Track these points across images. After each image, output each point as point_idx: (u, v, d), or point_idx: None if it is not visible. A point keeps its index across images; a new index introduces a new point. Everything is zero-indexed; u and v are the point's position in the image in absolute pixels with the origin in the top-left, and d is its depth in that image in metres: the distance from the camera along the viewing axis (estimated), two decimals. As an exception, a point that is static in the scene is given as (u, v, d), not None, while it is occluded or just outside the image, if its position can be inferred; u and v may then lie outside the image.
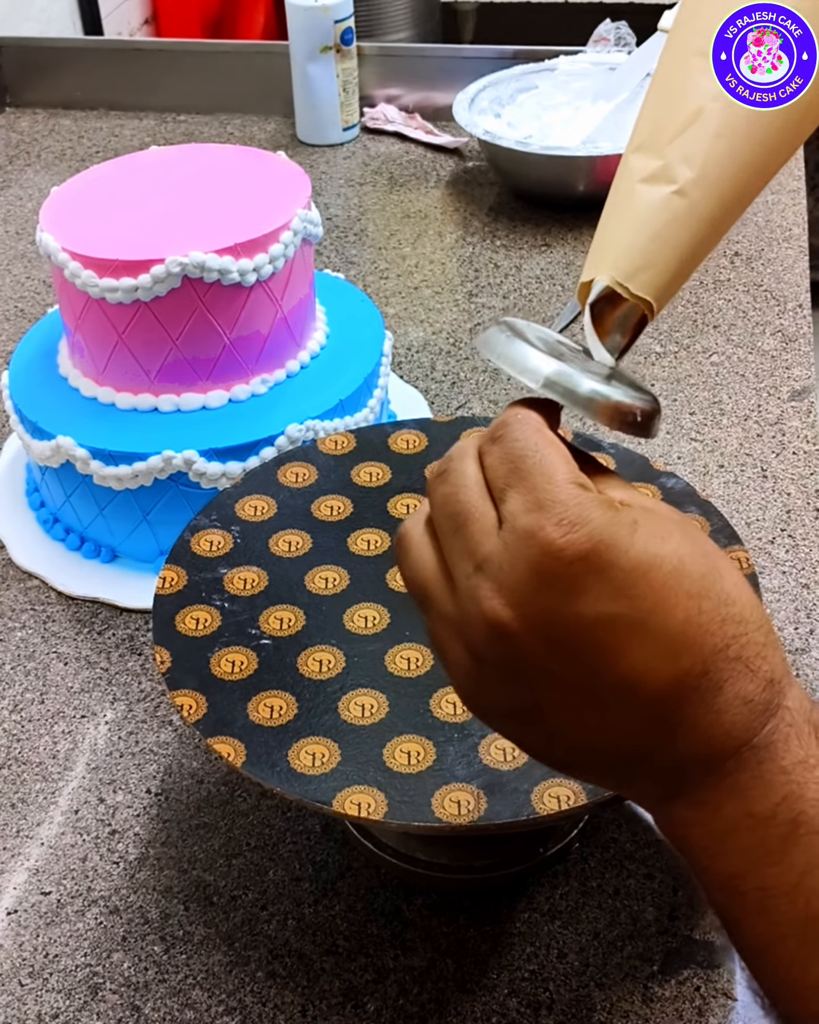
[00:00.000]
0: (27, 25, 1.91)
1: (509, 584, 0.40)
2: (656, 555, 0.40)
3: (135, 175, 0.97)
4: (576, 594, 0.39)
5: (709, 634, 0.40)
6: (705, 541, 0.42)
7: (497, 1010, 0.66)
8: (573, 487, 0.40)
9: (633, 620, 0.39)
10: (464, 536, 0.41)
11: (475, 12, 2.80)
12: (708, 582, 0.40)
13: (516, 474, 0.41)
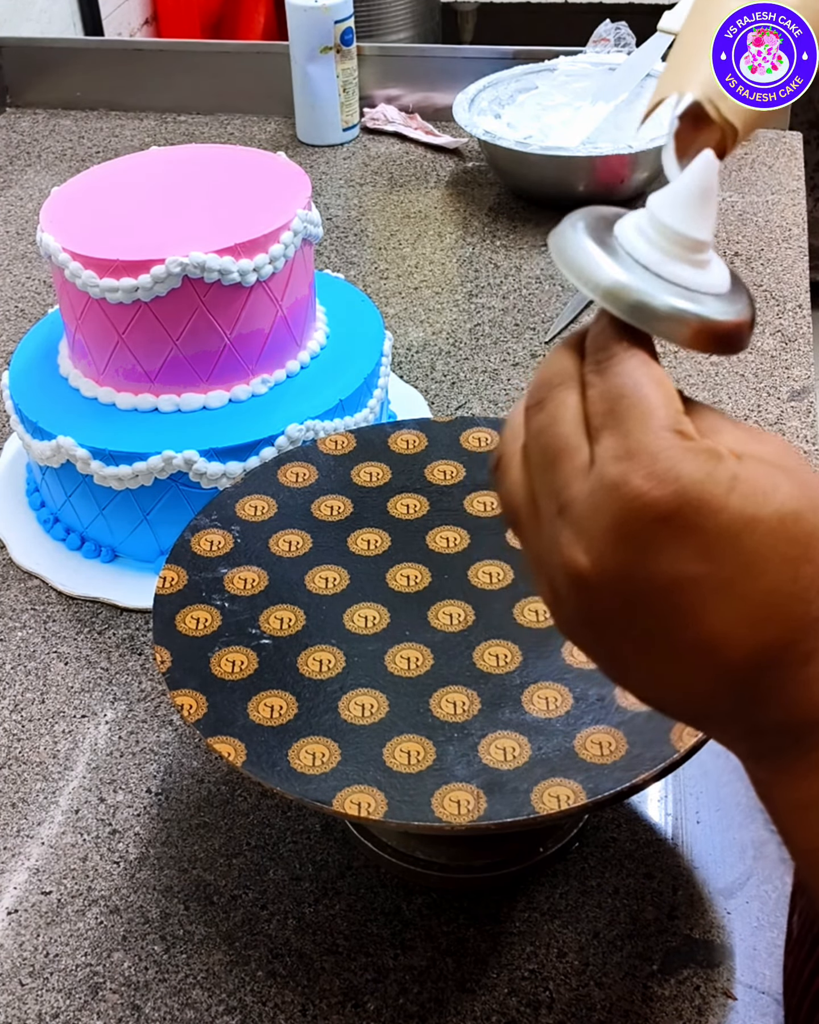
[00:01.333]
0: (28, 25, 1.91)
1: (589, 533, 0.37)
2: (752, 517, 0.36)
3: (135, 175, 0.97)
4: (657, 552, 0.37)
5: (803, 602, 0.37)
6: (817, 484, 0.38)
7: (497, 1009, 0.66)
8: (670, 435, 0.37)
9: (715, 584, 0.37)
10: (553, 474, 0.39)
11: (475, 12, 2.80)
12: (814, 541, 0.37)
13: (613, 415, 0.38)
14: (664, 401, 0.38)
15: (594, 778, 0.60)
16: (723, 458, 0.37)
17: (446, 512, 0.77)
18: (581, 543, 0.38)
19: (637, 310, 0.40)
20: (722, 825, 0.74)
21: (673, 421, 0.37)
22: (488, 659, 0.67)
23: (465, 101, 1.43)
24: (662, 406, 0.38)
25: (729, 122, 0.45)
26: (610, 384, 0.39)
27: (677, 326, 0.40)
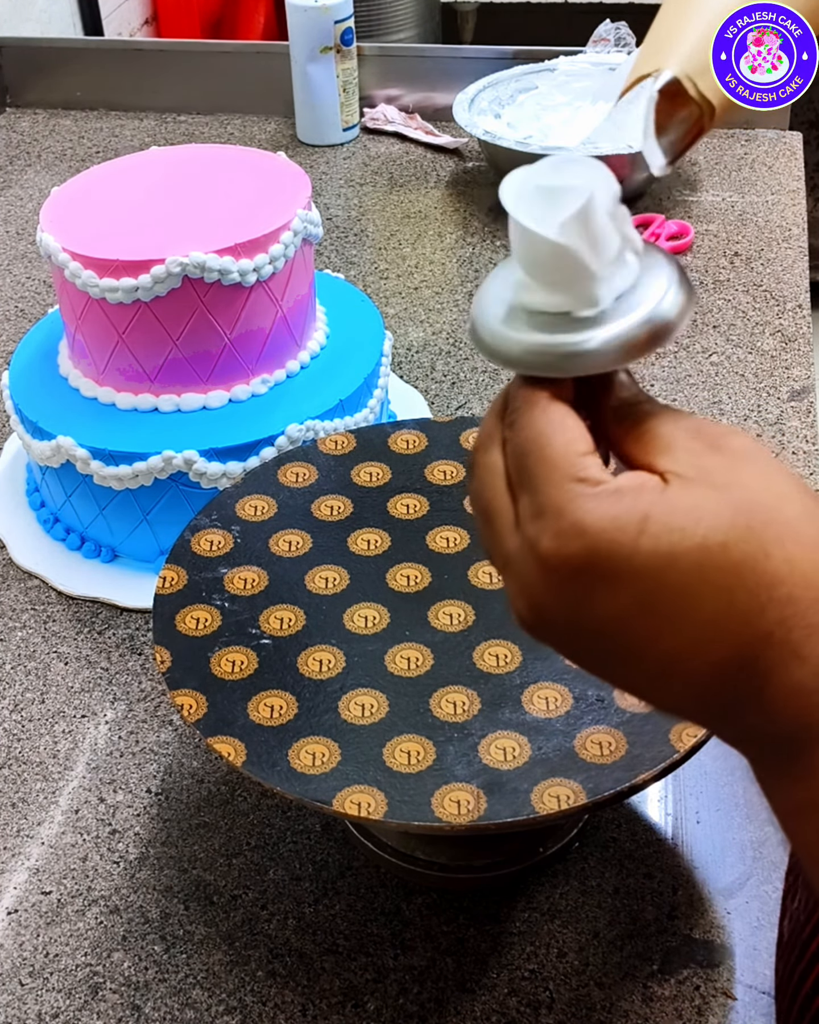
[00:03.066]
0: (27, 25, 1.91)
1: (528, 588, 0.39)
2: (669, 555, 0.37)
3: (135, 175, 0.97)
4: (589, 600, 0.38)
5: (746, 624, 0.37)
6: (761, 502, 0.38)
7: (497, 1009, 0.66)
8: (572, 486, 0.38)
9: (654, 620, 0.37)
10: (491, 532, 0.41)
11: (475, 12, 2.80)
12: (745, 569, 0.37)
13: (522, 473, 0.39)
14: (564, 451, 0.39)
15: (594, 778, 0.60)
16: (634, 497, 0.37)
17: (446, 512, 0.77)
18: (524, 597, 0.39)
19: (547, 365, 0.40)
20: (722, 825, 0.74)
21: (576, 469, 0.38)
22: (488, 659, 0.67)
23: (465, 101, 1.43)
24: (563, 456, 0.38)
25: (707, 100, 0.45)
26: (516, 441, 0.40)
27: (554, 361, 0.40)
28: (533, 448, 0.39)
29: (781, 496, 0.38)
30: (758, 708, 0.38)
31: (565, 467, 0.38)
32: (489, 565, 0.73)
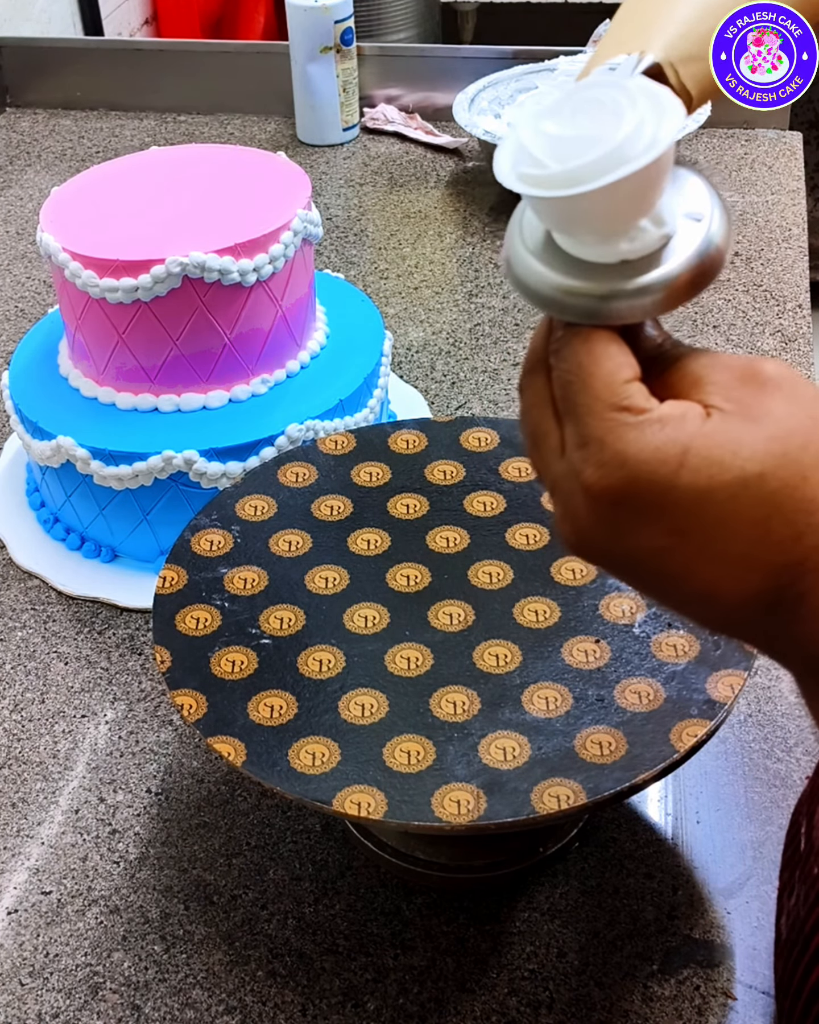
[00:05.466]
0: (28, 25, 1.91)
1: (573, 513, 0.40)
2: (706, 488, 0.37)
3: (135, 175, 0.97)
4: (626, 532, 0.39)
5: (781, 552, 0.38)
6: (798, 429, 0.38)
7: (497, 1009, 0.66)
8: (615, 415, 0.38)
9: (690, 550, 0.38)
10: (538, 454, 0.42)
11: (475, 12, 2.80)
12: (782, 496, 0.37)
13: (565, 402, 0.40)
14: (607, 380, 0.39)
15: (594, 778, 0.60)
16: (675, 427, 0.38)
17: (446, 512, 0.77)
18: (568, 522, 0.41)
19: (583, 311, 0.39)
20: (722, 825, 0.74)
21: (619, 398, 0.38)
22: (488, 659, 0.67)
23: (465, 101, 1.43)
24: (606, 385, 0.39)
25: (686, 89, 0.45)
26: (560, 369, 0.40)
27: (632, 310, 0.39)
28: (576, 378, 0.39)
29: (816, 419, 0.39)
30: (794, 630, 0.39)
31: (608, 396, 0.39)
32: (489, 565, 0.73)
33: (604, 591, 0.70)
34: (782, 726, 0.80)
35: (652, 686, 0.64)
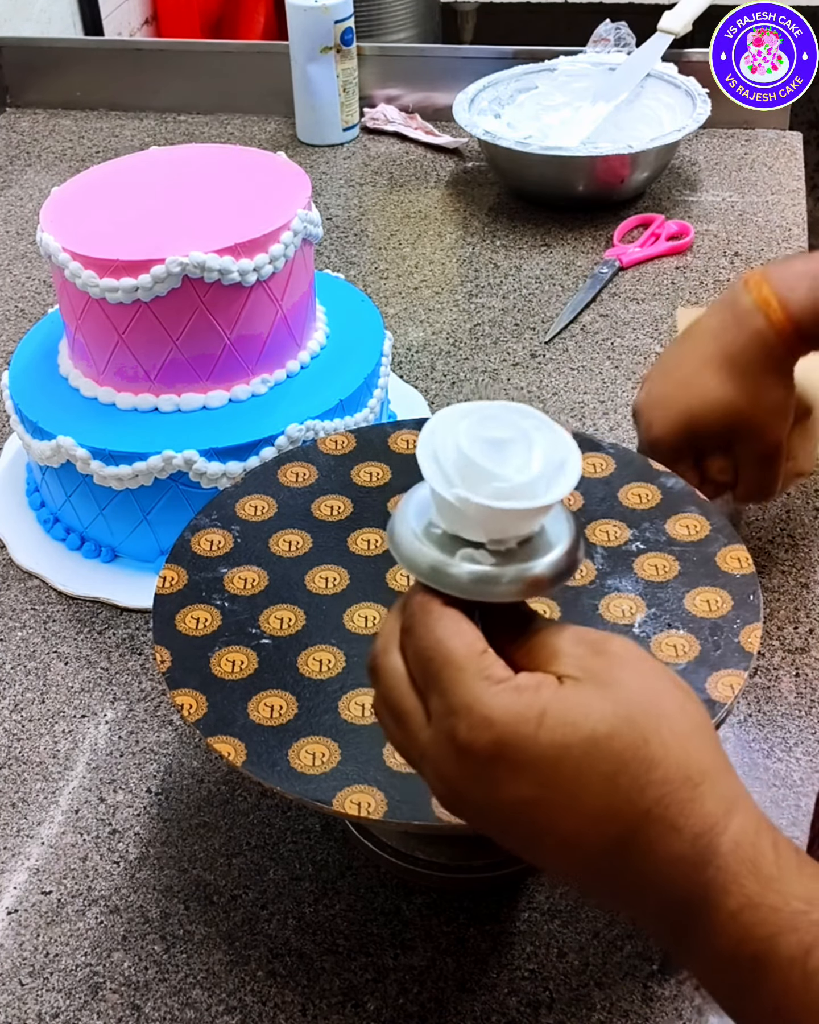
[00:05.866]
0: (27, 25, 1.91)
1: (444, 775, 0.45)
2: (564, 745, 0.43)
3: (135, 175, 0.97)
4: (496, 785, 0.44)
5: (629, 803, 0.43)
6: (639, 697, 0.44)
7: (497, 1009, 0.66)
8: (479, 685, 0.43)
9: (553, 803, 0.43)
10: (404, 730, 0.46)
11: (475, 12, 2.80)
12: (627, 755, 0.43)
13: (427, 675, 0.45)
14: (467, 652, 0.44)
15: (594, 778, 0.59)
16: (533, 693, 0.43)
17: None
18: (442, 784, 0.46)
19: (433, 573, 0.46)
20: (722, 825, 0.74)
21: (479, 669, 0.44)
22: (488, 659, 0.67)
23: (465, 101, 1.43)
24: (467, 657, 0.44)
25: None
26: (415, 647, 0.45)
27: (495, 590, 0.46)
28: (436, 653, 0.45)
29: (658, 692, 0.45)
30: (647, 882, 0.44)
31: (470, 668, 0.44)
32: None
33: (604, 591, 0.70)
34: (782, 726, 0.80)
35: (652, 686, 0.64)
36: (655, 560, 0.71)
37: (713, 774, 0.44)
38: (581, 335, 1.18)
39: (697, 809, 0.43)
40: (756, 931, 0.42)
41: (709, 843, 0.43)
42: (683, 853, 0.43)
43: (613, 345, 1.16)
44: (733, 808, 0.44)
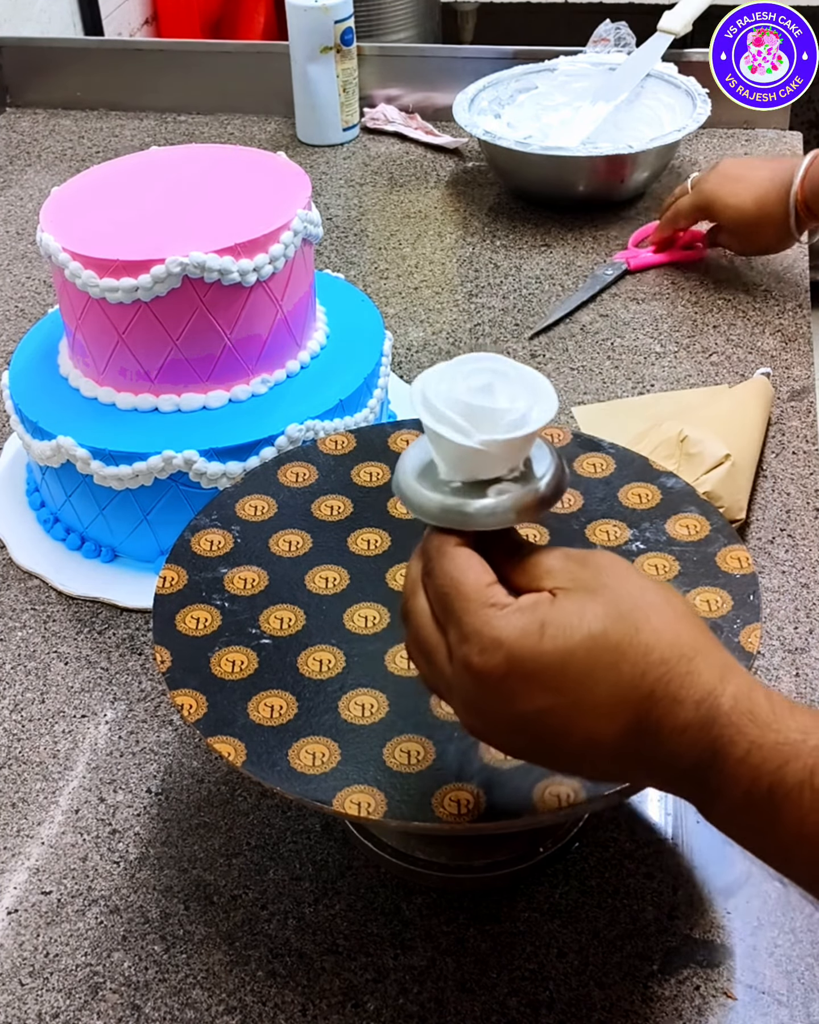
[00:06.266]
0: (28, 25, 1.91)
1: (468, 701, 0.50)
2: (566, 649, 0.48)
3: (135, 175, 0.97)
4: (515, 699, 0.48)
5: (634, 688, 0.48)
6: (626, 595, 0.49)
7: (497, 1009, 0.66)
8: (486, 612, 0.49)
9: (567, 705, 0.48)
10: (432, 666, 0.51)
11: (475, 12, 2.80)
12: (624, 645, 0.48)
13: (444, 611, 0.50)
14: (475, 586, 0.50)
15: (594, 778, 0.59)
16: (532, 610, 0.48)
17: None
18: (469, 711, 0.51)
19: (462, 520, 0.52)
20: (722, 825, 0.74)
21: (486, 598, 0.49)
22: (488, 659, 0.67)
23: (465, 101, 1.43)
24: (475, 590, 0.49)
25: None
26: (434, 586, 0.51)
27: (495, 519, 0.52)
28: (450, 589, 0.50)
29: (642, 588, 0.50)
30: (663, 755, 0.48)
31: (478, 598, 0.49)
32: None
33: (604, 591, 0.70)
34: (782, 726, 0.79)
35: (652, 686, 0.64)
36: (655, 560, 0.71)
37: (704, 648, 0.49)
38: (581, 335, 1.18)
39: (695, 680, 0.48)
40: (765, 767, 0.46)
41: (711, 706, 0.47)
42: (690, 720, 0.47)
43: (613, 345, 1.16)
44: (727, 673, 0.48)
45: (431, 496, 0.52)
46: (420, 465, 0.54)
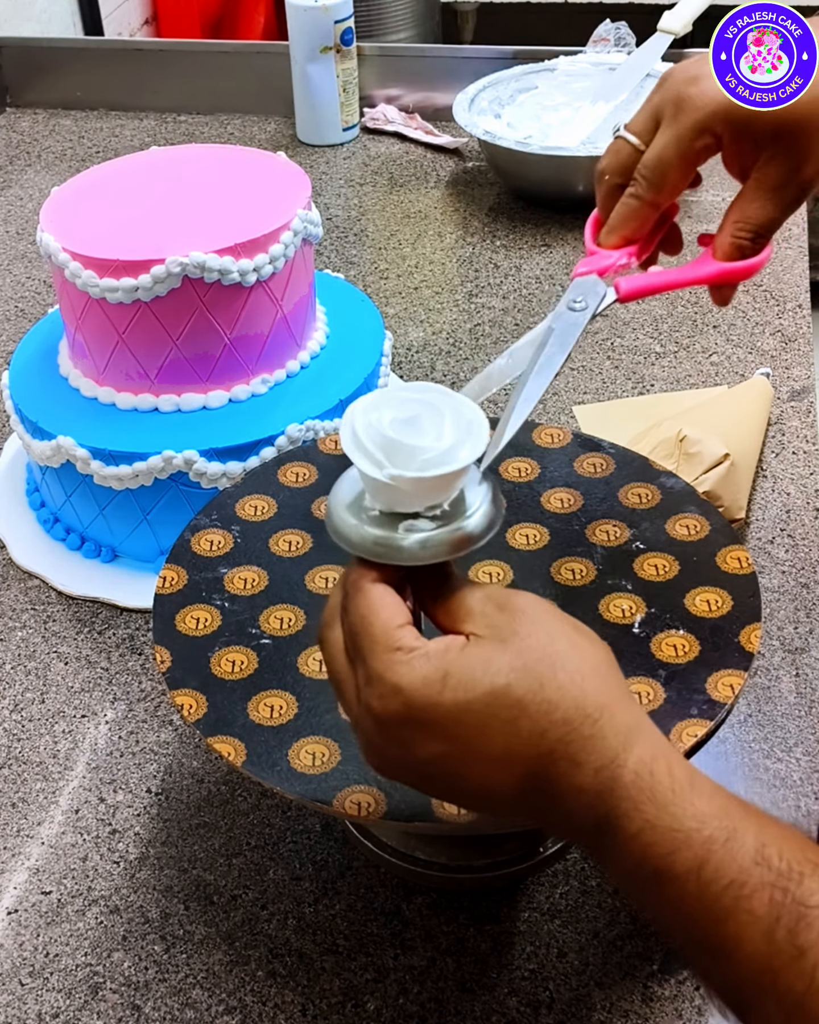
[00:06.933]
0: (28, 25, 1.91)
1: (369, 741, 0.50)
2: (465, 701, 0.47)
3: (135, 175, 0.97)
4: (410, 745, 0.48)
5: (532, 746, 0.47)
6: (536, 646, 0.48)
7: (497, 1009, 0.66)
8: (390, 656, 0.48)
9: (460, 754, 0.48)
10: (342, 698, 0.51)
11: (475, 12, 2.80)
12: (526, 701, 0.47)
13: (354, 648, 0.50)
14: (383, 627, 0.49)
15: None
16: (439, 658, 0.48)
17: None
18: (369, 749, 0.50)
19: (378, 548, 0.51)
20: (722, 825, 0.74)
21: (392, 641, 0.48)
22: (488, 659, 0.67)
23: (465, 101, 1.43)
24: (383, 632, 0.48)
25: None
26: (349, 622, 0.50)
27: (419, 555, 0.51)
28: (359, 628, 0.49)
29: (553, 637, 0.49)
30: (559, 811, 0.48)
31: (384, 641, 0.48)
32: (489, 565, 0.73)
33: (604, 591, 0.70)
34: (782, 726, 0.80)
35: (652, 686, 0.64)
36: (655, 560, 0.71)
37: (610, 708, 0.48)
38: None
39: (597, 745, 0.47)
40: (655, 849, 0.46)
41: (610, 776, 0.47)
42: (587, 785, 0.47)
43: (613, 345, 1.16)
44: (631, 739, 0.48)
45: (352, 524, 0.52)
46: (352, 494, 0.53)
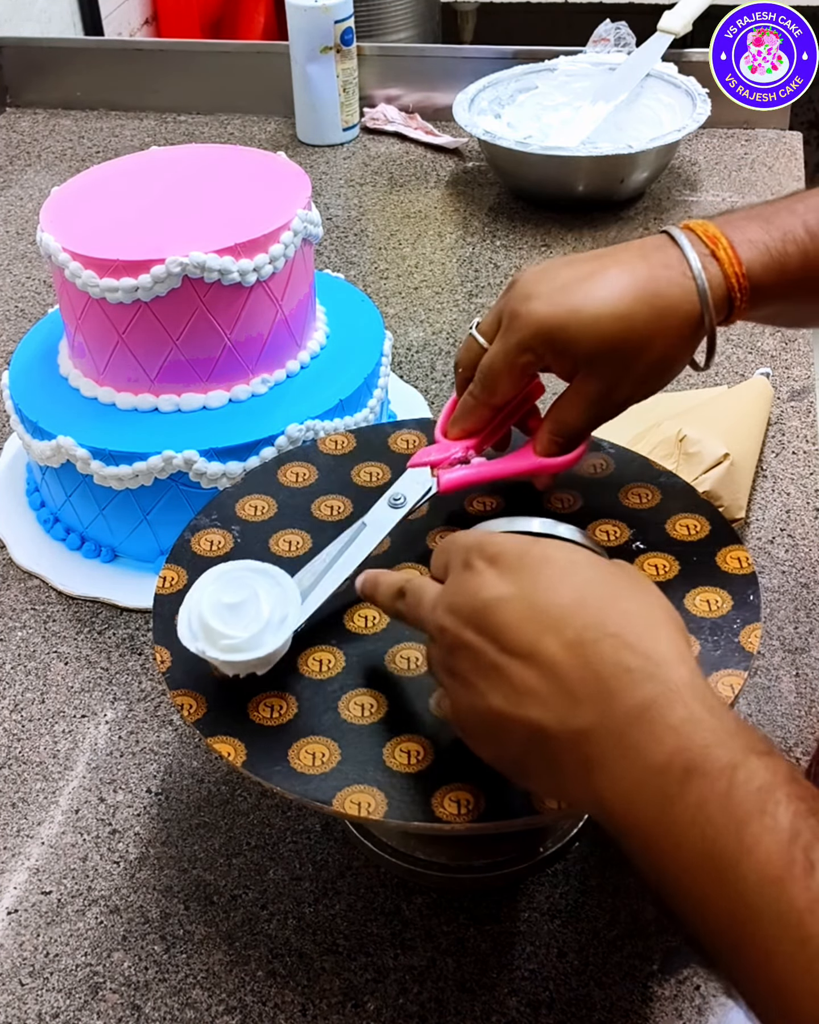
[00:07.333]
0: (28, 25, 1.91)
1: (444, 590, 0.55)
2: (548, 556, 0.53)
3: (135, 175, 0.97)
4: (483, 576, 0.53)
5: (590, 615, 0.50)
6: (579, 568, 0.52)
7: (497, 1009, 0.66)
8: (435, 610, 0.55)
9: (529, 594, 0.51)
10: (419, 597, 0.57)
11: (475, 12, 2.81)
12: (596, 583, 0.52)
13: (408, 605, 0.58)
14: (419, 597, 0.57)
15: (594, 778, 0.59)
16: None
17: (446, 512, 0.77)
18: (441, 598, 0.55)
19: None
20: (722, 825, 0.74)
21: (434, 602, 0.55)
22: (488, 659, 0.67)
23: (465, 101, 1.43)
24: (426, 599, 0.56)
25: None
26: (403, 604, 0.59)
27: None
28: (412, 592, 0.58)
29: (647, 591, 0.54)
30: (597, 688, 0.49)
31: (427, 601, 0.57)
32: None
33: (604, 591, 0.70)
34: (782, 726, 0.80)
35: (652, 686, 0.64)
36: (655, 560, 0.71)
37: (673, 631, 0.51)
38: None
39: (653, 646, 0.49)
40: (695, 740, 0.46)
41: (660, 665, 0.48)
42: (636, 666, 0.48)
43: (613, 345, 1.16)
44: (688, 661, 0.49)
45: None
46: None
